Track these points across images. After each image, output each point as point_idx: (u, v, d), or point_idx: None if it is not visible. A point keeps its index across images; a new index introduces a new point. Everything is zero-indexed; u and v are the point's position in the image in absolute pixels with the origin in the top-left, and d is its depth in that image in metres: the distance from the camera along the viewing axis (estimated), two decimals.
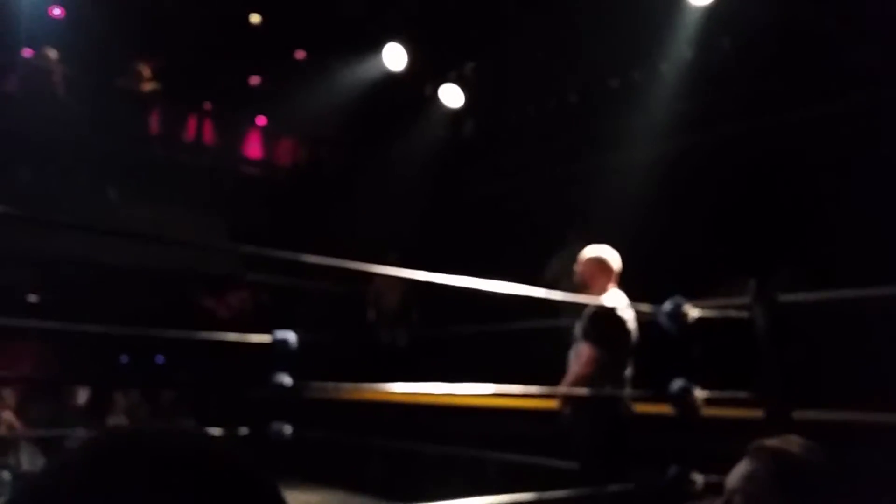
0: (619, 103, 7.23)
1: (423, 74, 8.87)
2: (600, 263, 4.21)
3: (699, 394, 3.72)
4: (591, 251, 4.27)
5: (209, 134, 10.39)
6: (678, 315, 3.65)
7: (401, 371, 6.95)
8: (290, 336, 3.82)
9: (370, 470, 7.41)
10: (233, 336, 4.17)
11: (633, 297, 4.12)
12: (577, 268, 4.28)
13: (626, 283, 4.22)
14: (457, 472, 6.21)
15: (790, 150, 5.75)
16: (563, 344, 4.40)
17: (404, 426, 6.58)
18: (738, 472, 1.56)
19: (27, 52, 8.89)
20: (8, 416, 6.87)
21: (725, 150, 6.26)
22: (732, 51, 6.80)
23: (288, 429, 4.16)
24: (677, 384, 3.69)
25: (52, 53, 8.72)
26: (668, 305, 3.68)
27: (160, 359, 9.69)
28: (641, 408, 4.19)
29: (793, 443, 1.55)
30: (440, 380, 3.58)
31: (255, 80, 10.59)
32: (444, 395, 4.72)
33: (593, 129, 7.34)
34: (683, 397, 3.69)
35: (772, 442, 1.56)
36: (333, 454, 7.23)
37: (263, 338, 3.82)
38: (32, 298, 8.81)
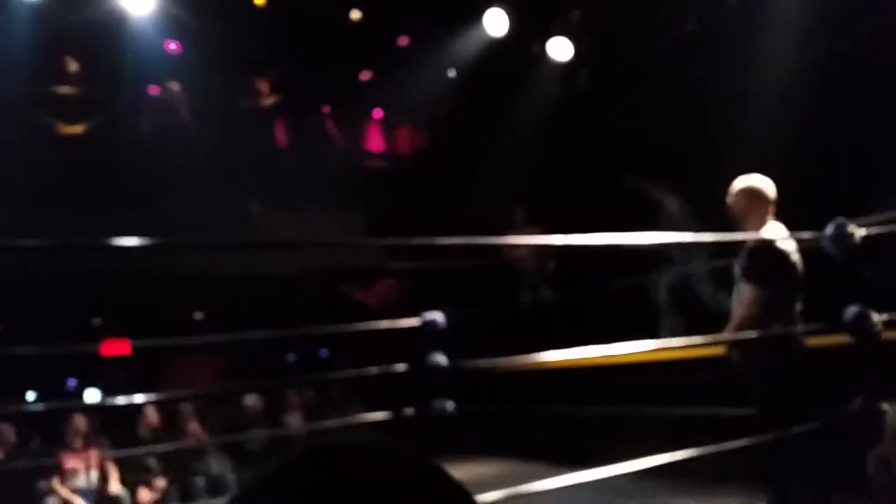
0: (741, 22, 6.75)
1: (528, 33, 8.68)
2: (753, 194, 3.89)
3: (877, 317, 3.45)
4: (742, 182, 3.94)
5: (332, 135, 10.67)
6: (843, 238, 3.38)
7: (551, 332, 6.89)
8: (438, 316, 3.84)
9: (538, 437, 7.41)
10: (385, 323, 4.25)
11: (792, 225, 3.83)
12: (729, 201, 4.00)
13: (783, 212, 3.92)
14: (626, 431, 6.09)
15: None
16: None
17: (566, 389, 6.52)
18: None
19: (153, 90, 9.40)
20: (194, 426, 7.34)
21: (862, 54, 5.72)
22: None
23: (450, 405, 4.20)
24: (852, 311, 3.44)
25: (175, 86, 9.19)
26: (830, 229, 3.42)
27: (324, 352, 10.13)
28: (819, 341, 3.92)
29: None
30: (591, 335, 3.49)
31: (365, 74, 10.75)
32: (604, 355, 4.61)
33: (718, 55, 6.90)
34: (860, 323, 3.43)
35: None
36: (499, 425, 7.28)
37: (413, 321, 3.86)
38: (199, 316, 9.37)
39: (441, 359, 3.63)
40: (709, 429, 4.13)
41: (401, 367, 3.74)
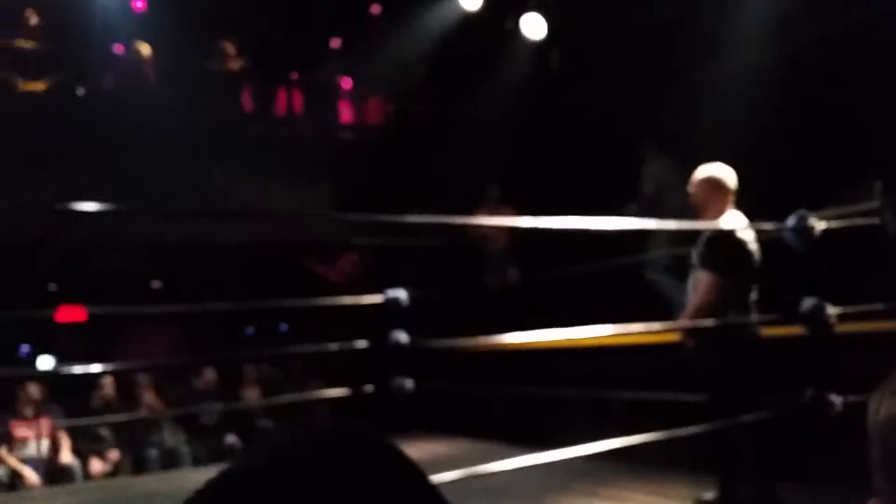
0: (714, 9, 6.78)
1: (502, 8, 8.62)
2: (714, 183, 3.94)
3: (832, 311, 3.51)
4: (704, 171, 3.98)
5: (300, 104, 10.51)
6: (804, 230, 3.43)
7: (515, 313, 6.92)
8: (402, 294, 3.83)
9: (494, 417, 7.46)
10: (348, 299, 4.24)
11: (752, 215, 3.88)
12: (690, 189, 4.04)
13: (744, 201, 3.97)
14: (582, 413, 6.16)
15: None
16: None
17: (525, 370, 6.57)
18: (888, 412, 1.29)
19: (118, 49, 9.17)
20: (149, 397, 7.25)
21: (833, 47, 5.79)
22: None
23: (409, 383, 4.21)
24: (808, 303, 3.50)
25: (143, 46, 8.98)
26: (792, 221, 3.47)
27: (283, 327, 10.05)
28: (773, 331, 3.98)
29: None
30: (555, 318, 3.52)
31: (335, 42, 10.58)
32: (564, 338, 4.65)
33: (690, 42, 6.93)
34: (816, 316, 3.49)
35: None
36: (456, 405, 7.32)
37: (376, 298, 3.85)
38: (156, 285, 9.23)
39: (402, 337, 3.63)
40: (663, 414, 4.20)
41: (362, 344, 3.73)
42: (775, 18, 6.18)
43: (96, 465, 6.77)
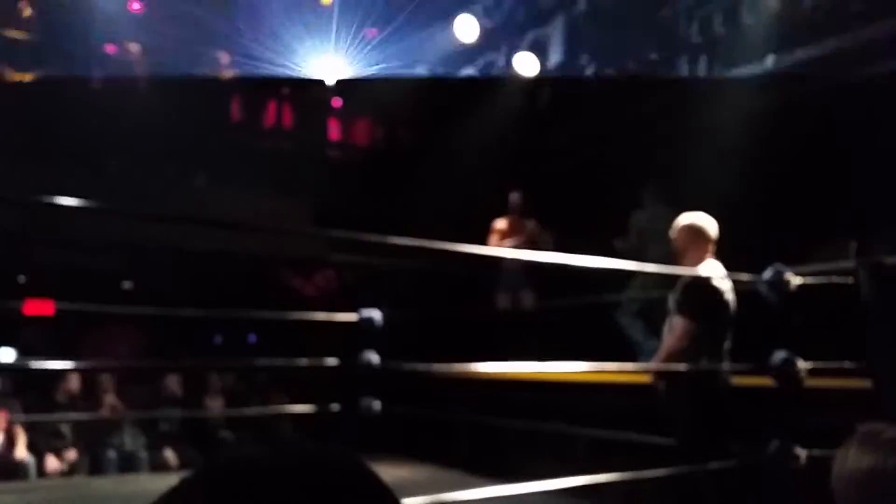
0: (703, 58, 6.90)
1: (496, 44, 8.73)
2: (696, 231, 4.00)
3: (802, 365, 3.55)
4: (686, 218, 4.06)
5: (289, 118, 10.52)
6: (779, 283, 3.47)
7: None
8: (376, 314, 3.83)
9: (459, 445, 7.41)
10: (321, 315, 4.22)
11: (730, 265, 3.94)
12: (672, 235, 4.10)
13: (722, 250, 4.03)
14: (547, 448, 6.14)
15: (884, 100, 5.39)
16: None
17: (495, 401, 6.54)
18: (853, 465, 1.36)
19: (110, 48, 9.15)
20: (111, 399, 7.14)
21: (818, 103, 5.92)
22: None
23: (377, 405, 4.19)
24: (779, 355, 3.53)
25: (134, 47, 8.96)
26: (768, 274, 3.51)
27: (252, 338, 9.96)
28: (742, 381, 4.02)
29: None
30: (533, 352, 3.53)
31: (330, 61, 10.64)
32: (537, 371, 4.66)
33: (677, 88, 7.04)
34: (786, 369, 3.52)
35: (892, 432, 1.31)
36: (423, 430, 7.27)
37: (350, 316, 3.84)
38: (127, 285, 9.12)
39: (373, 357, 3.61)
40: (627, 454, 4.20)
41: (331, 361, 3.71)
42: (762, 70, 6.32)
43: (52, 463, 6.63)
